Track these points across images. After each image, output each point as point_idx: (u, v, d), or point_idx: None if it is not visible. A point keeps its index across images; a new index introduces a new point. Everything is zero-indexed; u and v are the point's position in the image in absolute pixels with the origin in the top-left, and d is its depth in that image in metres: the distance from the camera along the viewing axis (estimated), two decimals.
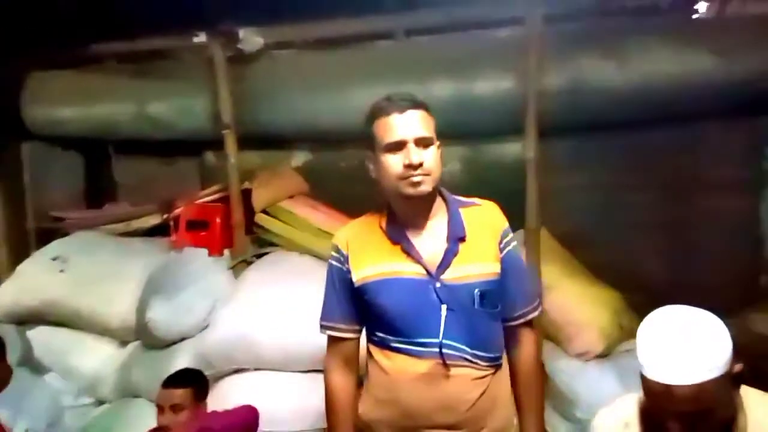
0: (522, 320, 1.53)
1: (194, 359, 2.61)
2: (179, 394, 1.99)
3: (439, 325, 1.40)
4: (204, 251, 3.00)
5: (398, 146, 1.39)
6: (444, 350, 1.40)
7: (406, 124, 1.39)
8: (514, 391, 1.55)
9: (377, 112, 1.44)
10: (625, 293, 2.74)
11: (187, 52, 3.22)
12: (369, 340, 1.55)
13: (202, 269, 2.91)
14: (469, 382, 1.43)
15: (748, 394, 1.20)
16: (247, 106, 3.02)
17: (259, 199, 2.89)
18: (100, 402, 2.90)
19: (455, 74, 2.81)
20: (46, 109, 3.36)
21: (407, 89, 2.76)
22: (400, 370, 1.44)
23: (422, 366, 1.42)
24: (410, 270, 1.42)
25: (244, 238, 2.97)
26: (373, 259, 1.46)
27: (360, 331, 1.56)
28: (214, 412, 2.12)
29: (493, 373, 1.48)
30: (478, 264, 1.44)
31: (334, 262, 1.53)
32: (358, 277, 1.47)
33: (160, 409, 1.99)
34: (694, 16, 2.79)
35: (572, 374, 2.53)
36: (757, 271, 2.94)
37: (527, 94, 2.57)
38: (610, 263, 2.87)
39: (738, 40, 2.56)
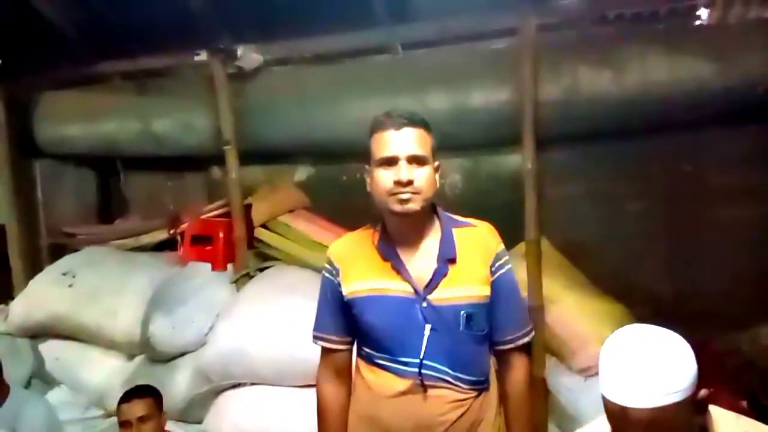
0: (511, 345, 1.50)
1: (193, 373, 2.66)
2: (145, 404, 2.05)
3: (421, 345, 1.40)
4: (207, 266, 3.04)
5: (390, 162, 1.38)
6: (423, 370, 1.41)
7: (401, 141, 1.38)
8: (504, 414, 1.54)
9: (375, 126, 1.43)
10: (628, 306, 2.65)
11: (189, 69, 3.27)
12: (358, 353, 1.56)
13: (204, 284, 2.95)
14: (446, 404, 1.42)
15: (719, 416, 1.16)
16: (248, 121, 3.05)
17: (258, 214, 2.92)
18: (109, 415, 2.93)
19: (451, 87, 2.79)
20: (55, 128, 3.45)
21: (403, 102, 2.82)
22: (383, 387, 1.46)
23: (402, 384, 1.43)
24: (398, 288, 1.42)
25: (246, 253, 3.00)
26: (362, 274, 1.46)
27: (352, 343, 1.57)
28: None
29: (476, 396, 1.47)
30: (466, 286, 1.43)
31: (326, 274, 1.54)
32: (347, 291, 1.47)
33: (127, 425, 2.03)
34: (696, 23, 2.71)
35: (575, 390, 2.45)
36: None
37: (523, 105, 2.54)
38: (613, 274, 2.81)
39: (740, 46, 2.49)
